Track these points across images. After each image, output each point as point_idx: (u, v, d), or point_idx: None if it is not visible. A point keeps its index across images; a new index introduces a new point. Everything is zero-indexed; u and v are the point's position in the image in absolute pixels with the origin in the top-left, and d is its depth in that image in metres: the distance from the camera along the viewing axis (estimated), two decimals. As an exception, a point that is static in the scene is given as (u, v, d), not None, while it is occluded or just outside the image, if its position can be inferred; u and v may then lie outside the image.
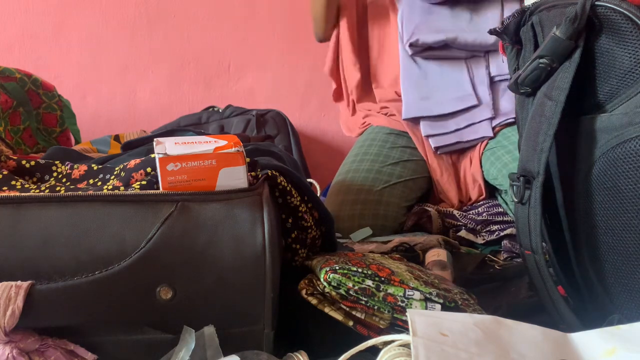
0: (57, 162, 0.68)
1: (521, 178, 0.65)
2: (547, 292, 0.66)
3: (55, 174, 0.70)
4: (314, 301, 0.66)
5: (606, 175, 0.60)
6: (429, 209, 1.21)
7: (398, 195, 1.22)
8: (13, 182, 0.64)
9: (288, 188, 0.70)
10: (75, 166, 0.70)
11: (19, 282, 0.55)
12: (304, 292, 0.67)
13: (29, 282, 0.55)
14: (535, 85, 0.67)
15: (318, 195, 1.13)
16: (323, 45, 1.87)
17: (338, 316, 0.65)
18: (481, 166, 1.24)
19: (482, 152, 1.25)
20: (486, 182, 1.25)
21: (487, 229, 1.16)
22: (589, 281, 0.67)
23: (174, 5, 1.83)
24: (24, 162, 0.67)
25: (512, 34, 0.72)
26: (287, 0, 1.85)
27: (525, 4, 0.71)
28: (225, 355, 0.56)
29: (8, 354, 0.55)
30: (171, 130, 1.14)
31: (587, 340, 0.51)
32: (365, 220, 1.18)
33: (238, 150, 0.61)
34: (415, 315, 0.50)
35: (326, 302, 0.66)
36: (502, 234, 1.12)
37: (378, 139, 1.31)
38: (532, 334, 0.51)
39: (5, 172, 0.65)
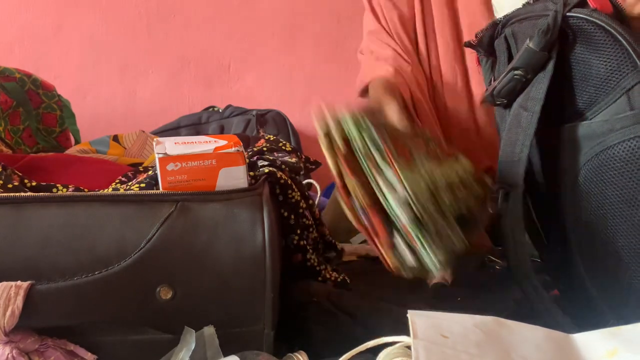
0: (58, 185, 0.68)
1: (500, 190, 0.65)
2: (539, 300, 0.66)
3: None
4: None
5: (592, 183, 0.61)
6: None
7: None
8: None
9: (289, 182, 0.70)
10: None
11: (19, 282, 0.55)
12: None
13: (28, 282, 0.55)
14: (511, 97, 0.67)
15: (319, 195, 1.13)
16: (323, 45, 1.87)
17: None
18: None
19: None
20: None
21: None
22: (582, 285, 0.67)
23: (174, 6, 1.83)
24: (25, 180, 0.67)
25: (486, 46, 0.73)
26: (287, 0, 1.85)
27: (497, 17, 0.72)
28: (225, 355, 0.56)
29: (8, 354, 0.55)
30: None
31: (588, 341, 0.51)
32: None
33: (238, 150, 0.61)
34: (416, 317, 0.50)
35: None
36: None
37: None
38: (533, 335, 0.51)
39: (16, 183, 0.65)
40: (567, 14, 0.60)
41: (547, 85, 0.62)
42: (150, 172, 0.67)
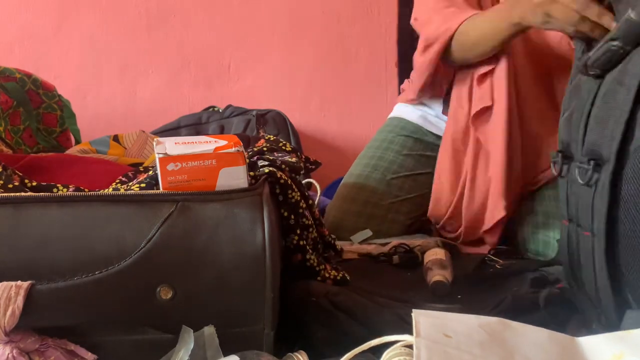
0: (58, 185, 0.68)
1: (591, 161, 0.63)
2: (594, 278, 0.63)
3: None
4: None
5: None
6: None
7: (404, 212, 1.22)
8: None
9: (289, 182, 0.70)
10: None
11: (19, 282, 0.55)
12: None
13: (29, 282, 0.55)
14: (607, 68, 0.64)
15: (319, 194, 1.13)
16: (323, 44, 1.87)
17: None
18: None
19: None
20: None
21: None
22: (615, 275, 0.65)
23: (174, 5, 1.83)
24: (26, 180, 0.67)
25: None
26: (287, 0, 1.85)
27: None
28: (225, 355, 0.56)
29: (8, 354, 0.55)
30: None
31: (594, 344, 0.50)
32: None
33: (238, 150, 0.61)
34: (420, 316, 0.50)
35: None
36: None
37: (396, 142, 1.29)
38: (538, 337, 0.51)
39: (16, 183, 0.65)
40: None
41: None
42: (150, 172, 0.67)
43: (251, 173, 0.66)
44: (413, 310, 0.51)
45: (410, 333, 0.49)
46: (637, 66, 0.59)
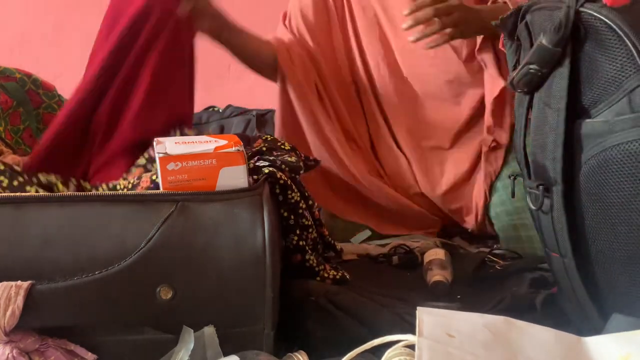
0: (58, 184, 0.68)
1: (540, 187, 0.65)
2: (574, 294, 0.65)
3: None
4: None
5: (590, 182, 0.61)
6: None
7: None
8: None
9: (289, 182, 0.70)
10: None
11: (19, 282, 0.55)
12: None
13: (29, 282, 0.55)
14: (530, 88, 0.67)
15: (318, 195, 1.13)
16: (323, 45, 1.87)
17: None
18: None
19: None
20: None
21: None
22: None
23: (174, 6, 1.82)
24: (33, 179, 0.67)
25: (509, 31, 0.72)
26: (287, 0, 1.85)
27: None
28: (225, 355, 0.56)
29: (8, 354, 0.55)
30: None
31: (601, 344, 0.50)
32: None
33: (238, 150, 0.61)
34: (424, 315, 0.50)
35: None
36: None
37: None
38: (543, 337, 0.50)
39: (21, 179, 0.65)
40: (580, 8, 0.59)
41: (568, 82, 0.61)
42: (154, 177, 0.67)
43: (255, 177, 0.66)
44: (417, 307, 0.51)
45: (411, 332, 0.49)
46: (561, 89, 0.62)
